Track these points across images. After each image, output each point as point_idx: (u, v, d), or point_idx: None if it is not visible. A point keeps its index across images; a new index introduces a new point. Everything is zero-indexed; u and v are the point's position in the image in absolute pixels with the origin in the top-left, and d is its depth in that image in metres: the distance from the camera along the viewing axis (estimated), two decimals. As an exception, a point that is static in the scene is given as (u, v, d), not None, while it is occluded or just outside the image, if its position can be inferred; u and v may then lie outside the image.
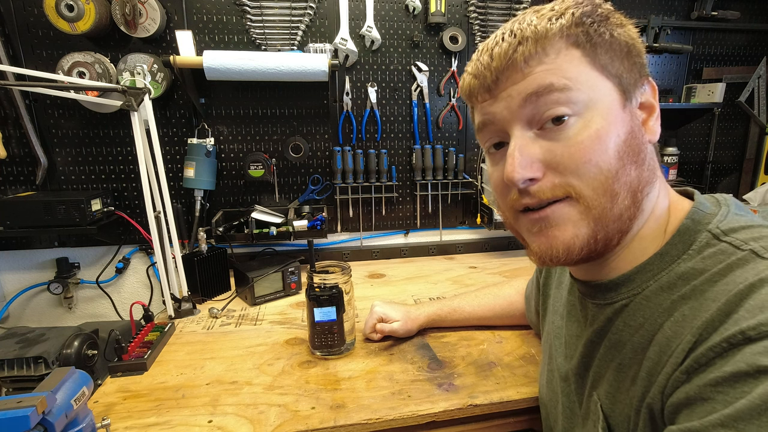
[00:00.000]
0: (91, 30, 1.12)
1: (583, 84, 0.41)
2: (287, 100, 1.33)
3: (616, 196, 0.41)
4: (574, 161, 0.40)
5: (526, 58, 0.41)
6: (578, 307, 0.54)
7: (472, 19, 1.37)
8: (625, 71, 0.42)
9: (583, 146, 0.40)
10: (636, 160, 0.42)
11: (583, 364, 0.51)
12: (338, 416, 0.67)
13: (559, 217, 0.42)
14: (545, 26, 0.41)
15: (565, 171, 0.41)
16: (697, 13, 1.50)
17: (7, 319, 1.33)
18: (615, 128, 0.41)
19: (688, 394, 0.35)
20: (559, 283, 0.64)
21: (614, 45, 0.42)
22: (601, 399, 0.47)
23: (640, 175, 0.42)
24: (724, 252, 0.39)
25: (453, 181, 1.46)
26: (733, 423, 0.31)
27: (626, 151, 0.41)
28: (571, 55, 0.41)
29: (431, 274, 1.34)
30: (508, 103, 0.43)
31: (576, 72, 0.41)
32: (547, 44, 0.41)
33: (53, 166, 1.25)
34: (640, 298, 0.44)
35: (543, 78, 0.41)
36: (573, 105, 0.40)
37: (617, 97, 0.42)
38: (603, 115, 0.41)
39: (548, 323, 0.65)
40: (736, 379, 0.32)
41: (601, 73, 0.41)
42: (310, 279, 0.83)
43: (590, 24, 0.41)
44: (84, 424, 0.55)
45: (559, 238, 0.43)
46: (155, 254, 1.00)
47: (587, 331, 0.50)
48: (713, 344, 0.34)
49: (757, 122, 1.63)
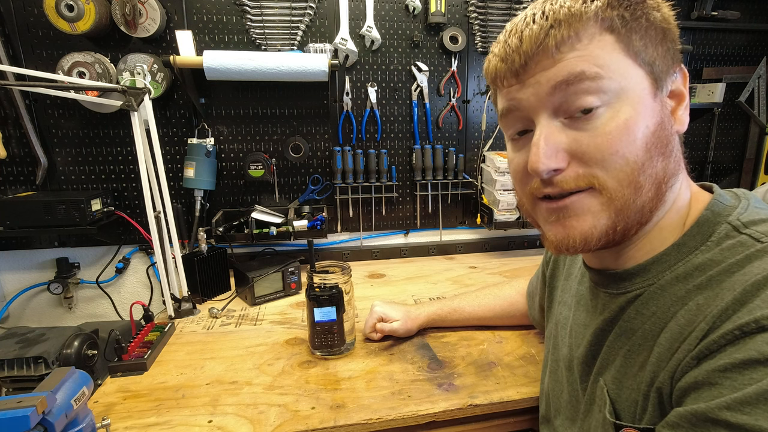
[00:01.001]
0: (91, 30, 1.12)
1: (614, 72, 0.39)
2: (287, 100, 1.33)
3: (640, 189, 0.40)
4: (600, 152, 0.39)
5: (558, 43, 0.39)
6: (588, 297, 0.53)
7: (472, 19, 1.37)
8: (659, 57, 0.41)
9: (610, 137, 0.39)
10: (663, 151, 0.41)
11: (590, 352, 0.51)
12: (338, 416, 0.67)
13: (579, 207, 0.42)
14: (580, 8, 0.39)
15: (590, 161, 0.40)
16: (697, 13, 1.50)
17: (7, 319, 1.33)
18: (644, 119, 0.39)
19: (697, 379, 0.35)
20: (568, 274, 0.64)
21: (650, 30, 0.40)
22: (608, 384, 0.47)
23: (667, 166, 0.41)
24: (743, 244, 0.39)
25: (453, 181, 1.46)
26: (739, 407, 0.31)
27: (654, 142, 0.40)
28: (604, 40, 0.39)
29: (431, 274, 1.34)
30: (536, 89, 0.41)
31: (609, 59, 0.39)
32: (581, 28, 0.39)
33: (53, 166, 1.25)
34: (654, 288, 0.43)
35: (574, 65, 0.39)
36: (603, 94, 0.39)
37: (648, 85, 0.40)
38: (633, 105, 0.39)
39: (554, 314, 0.65)
40: (746, 366, 0.32)
41: (634, 61, 0.40)
42: (310, 279, 0.83)
43: (626, 7, 0.39)
44: (84, 424, 0.55)
45: (577, 228, 0.42)
46: (155, 254, 1.00)
47: (597, 319, 0.50)
48: (725, 331, 0.34)
49: (757, 122, 1.63)
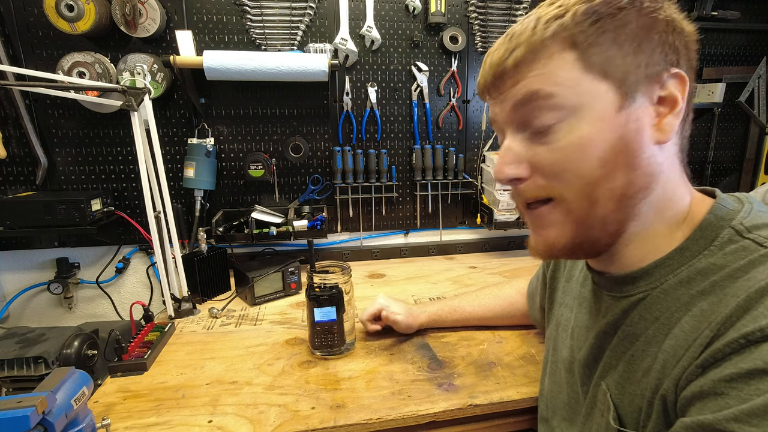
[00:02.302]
0: (91, 30, 1.12)
1: (571, 89, 0.40)
2: (287, 100, 1.33)
3: (596, 202, 0.41)
4: (555, 166, 0.42)
5: (518, 64, 0.42)
6: (591, 299, 0.54)
7: (472, 19, 1.37)
8: (635, 66, 0.40)
9: (564, 152, 0.41)
10: (626, 166, 0.40)
11: (592, 355, 0.51)
12: (338, 416, 0.67)
13: (546, 218, 0.45)
14: (540, 29, 0.41)
15: (548, 175, 0.43)
16: (697, 13, 1.50)
17: (7, 319, 1.33)
18: (602, 135, 0.40)
19: (702, 388, 0.35)
20: (569, 276, 0.64)
21: (621, 39, 0.39)
22: (611, 389, 0.46)
23: (631, 181, 0.41)
24: (747, 249, 0.38)
25: (453, 181, 1.46)
26: (746, 418, 0.31)
27: (612, 158, 0.40)
28: (564, 58, 0.40)
29: (431, 274, 1.34)
30: (503, 107, 0.45)
31: (566, 77, 0.40)
32: (540, 49, 0.41)
33: (53, 166, 1.25)
34: (657, 291, 0.43)
35: (531, 84, 0.41)
36: (558, 112, 0.41)
37: (612, 100, 0.40)
38: (590, 122, 0.40)
39: (555, 316, 0.65)
40: (752, 376, 0.32)
41: (596, 76, 0.40)
42: (310, 279, 0.83)
43: (593, 22, 0.39)
44: (84, 424, 0.55)
45: (543, 236, 0.46)
46: (155, 254, 1.00)
47: (600, 322, 0.50)
48: (730, 340, 0.34)
49: (757, 122, 1.63)
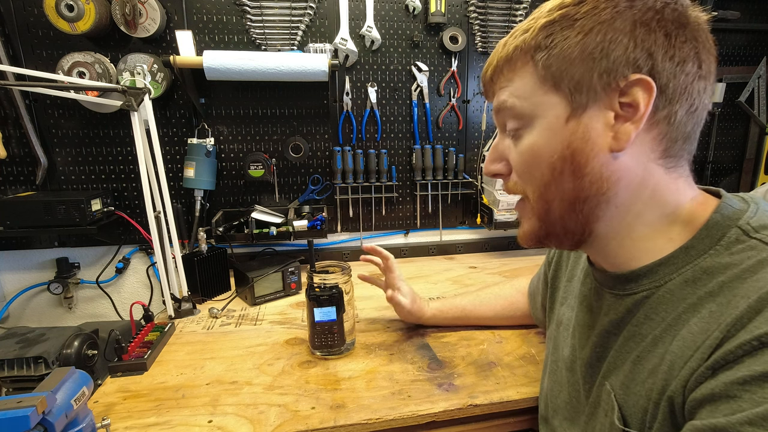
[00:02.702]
0: (91, 30, 1.12)
1: (527, 101, 0.44)
2: (287, 100, 1.33)
3: (550, 204, 0.46)
4: (519, 167, 0.47)
5: (493, 78, 0.48)
6: (592, 298, 0.54)
7: (472, 19, 1.37)
8: (588, 77, 0.40)
9: (523, 156, 0.46)
10: (573, 173, 0.43)
11: (595, 354, 0.51)
12: (338, 416, 0.67)
13: (520, 211, 0.51)
14: (510, 45, 0.45)
15: (517, 173, 0.48)
16: (697, 13, 1.50)
17: (7, 319, 1.33)
18: (550, 144, 0.43)
19: (713, 391, 0.34)
20: (571, 276, 0.64)
21: (573, 52, 0.40)
22: (615, 389, 0.46)
23: (580, 187, 0.43)
24: (755, 248, 0.38)
25: (453, 181, 1.46)
26: (761, 422, 0.30)
27: (560, 165, 0.43)
28: (525, 71, 0.44)
29: (431, 274, 1.34)
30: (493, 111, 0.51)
31: (526, 89, 0.44)
32: (506, 63, 0.46)
33: (53, 166, 1.25)
34: (662, 290, 0.43)
35: (500, 95, 0.47)
36: (520, 120, 0.46)
37: (562, 111, 0.42)
38: (540, 131, 0.44)
39: (556, 315, 0.65)
40: (766, 379, 0.32)
41: (550, 88, 0.43)
42: (310, 279, 0.83)
43: (547, 36, 0.42)
44: (84, 424, 0.55)
45: (521, 226, 0.52)
46: (155, 254, 1.00)
47: (602, 321, 0.50)
48: (743, 342, 0.34)
49: (757, 122, 1.63)
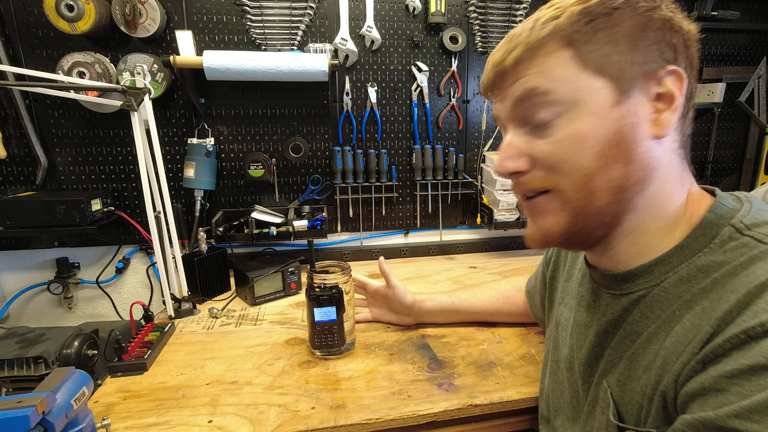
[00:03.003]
0: (91, 30, 1.12)
1: (567, 85, 0.42)
2: (287, 100, 1.33)
3: (593, 194, 0.43)
4: (554, 159, 0.43)
5: (516, 63, 0.44)
6: (590, 298, 0.54)
7: (472, 19, 1.37)
8: (630, 64, 0.41)
9: (562, 145, 0.43)
10: (623, 159, 0.42)
11: (593, 354, 0.51)
12: (338, 416, 0.67)
13: (542, 206, 0.47)
14: (538, 30, 0.43)
15: (547, 167, 0.44)
16: (697, 13, 1.50)
17: (7, 319, 1.33)
18: (598, 129, 0.41)
19: (703, 384, 0.35)
20: (569, 276, 0.64)
21: (616, 38, 0.40)
22: (611, 386, 0.47)
23: (627, 174, 0.42)
24: (747, 245, 0.39)
25: (453, 181, 1.46)
26: (748, 414, 0.31)
27: (608, 151, 0.41)
28: (560, 56, 0.42)
29: (431, 274, 1.34)
30: (504, 104, 0.47)
31: (563, 74, 0.42)
32: (537, 48, 0.43)
33: (53, 166, 1.25)
34: (658, 289, 0.44)
35: (529, 81, 0.43)
36: (556, 107, 0.42)
37: (608, 95, 0.41)
38: (586, 116, 0.42)
39: (554, 315, 0.66)
40: (753, 372, 0.32)
41: (592, 73, 0.41)
42: (310, 279, 0.83)
43: (587, 21, 0.41)
44: (84, 424, 0.55)
45: (540, 224, 0.47)
46: (155, 254, 1.00)
47: (600, 320, 0.50)
48: (731, 335, 0.34)
49: (757, 122, 1.63)
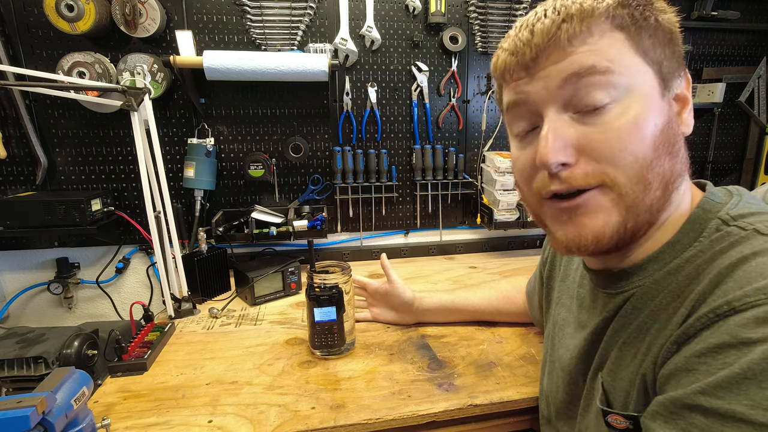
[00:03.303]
0: (91, 30, 1.12)
1: (624, 68, 0.39)
2: (287, 100, 1.33)
3: (649, 186, 0.40)
4: (609, 148, 0.39)
5: (570, 37, 0.40)
6: (589, 299, 0.54)
7: (472, 19, 1.37)
8: (666, 59, 0.41)
9: (620, 133, 0.39)
10: (671, 150, 0.41)
11: (591, 350, 0.51)
12: (338, 416, 0.67)
13: (591, 205, 0.41)
14: (591, 4, 0.40)
15: (599, 158, 0.40)
16: (697, 13, 1.50)
17: (7, 319, 1.33)
18: (653, 116, 0.40)
19: (677, 365, 0.36)
20: (565, 276, 0.64)
21: (658, 31, 0.41)
22: (604, 377, 0.47)
23: (674, 166, 0.42)
24: (730, 234, 0.39)
25: (453, 181, 1.46)
26: (713, 391, 0.31)
27: (662, 141, 0.40)
28: (614, 37, 0.40)
29: (431, 274, 1.34)
30: (546, 83, 0.41)
31: (619, 55, 0.39)
32: (593, 23, 0.39)
33: (53, 166, 1.25)
34: (648, 283, 0.44)
35: (585, 58, 0.39)
36: (613, 89, 0.39)
37: (656, 84, 0.41)
38: (642, 102, 0.40)
39: (552, 315, 0.66)
40: (719, 350, 0.32)
41: (643, 59, 0.40)
42: (310, 279, 0.83)
43: (635, 6, 0.40)
44: (84, 424, 0.55)
45: (589, 226, 0.42)
46: (155, 254, 1.00)
47: (595, 320, 0.50)
48: (700, 315, 0.35)
49: (757, 122, 1.63)
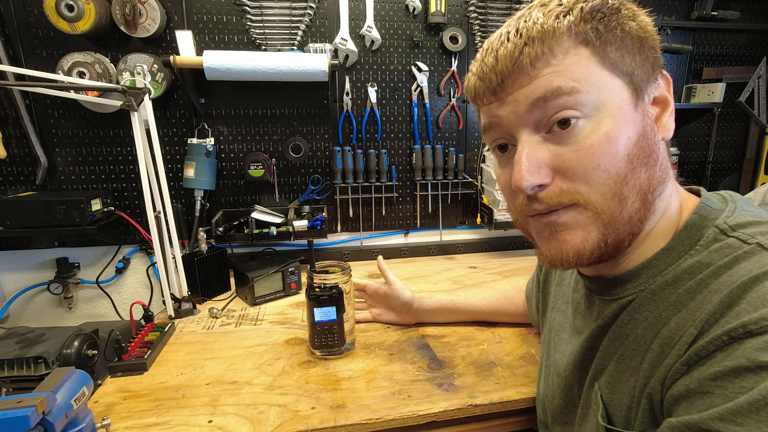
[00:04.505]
0: (91, 30, 1.12)
1: (592, 85, 0.39)
2: (287, 100, 1.33)
3: (625, 200, 0.40)
4: (582, 166, 0.40)
5: (533, 60, 0.40)
6: (584, 305, 0.54)
7: (472, 19, 1.37)
8: (638, 67, 0.41)
9: (592, 150, 0.39)
10: (647, 161, 0.41)
11: (587, 358, 0.51)
12: (338, 416, 0.67)
13: (567, 221, 0.42)
14: (552, 24, 0.39)
15: (573, 176, 0.40)
16: (697, 13, 1.50)
17: (7, 319, 1.33)
18: (625, 130, 0.39)
19: (688, 387, 0.35)
20: (560, 280, 0.64)
21: (626, 40, 0.40)
22: (602, 389, 0.47)
23: (652, 176, 0.41)
24: (731, 246, 0.39)
25: (453, 181, 1.46)
26: (731, 417, 0.31)
27: (637, 153, 0.40)
28: (579, 54, 0.39)
29: (431, 274, 1.34)
30: (514, 107, 0.42)
31: (585, 72, 0.39)
32: (555, 44, 0.39)
33: (53, 166, 1.25)
34: (646, 293, 0.43)
35: (550, 81, 0.39)
36: (582, 107, 0.39)
37: (628, 96, 0.40)
38: (613, 117, 0.39)
39: (548, 320, 0.65)
40: (736, 374, 0.32)
41: (611, 72, 0.40)
42: (310, 279, 0.83)
43: (600, 19, 0.40)
44: (84, 424, 0.55)
45: (569, 242, 0.42)
46: (155, 254, 1.00)
47: (591, 326, 0.50)
48: (714, 337, 0.34)
49: (757, 122, 1.63)
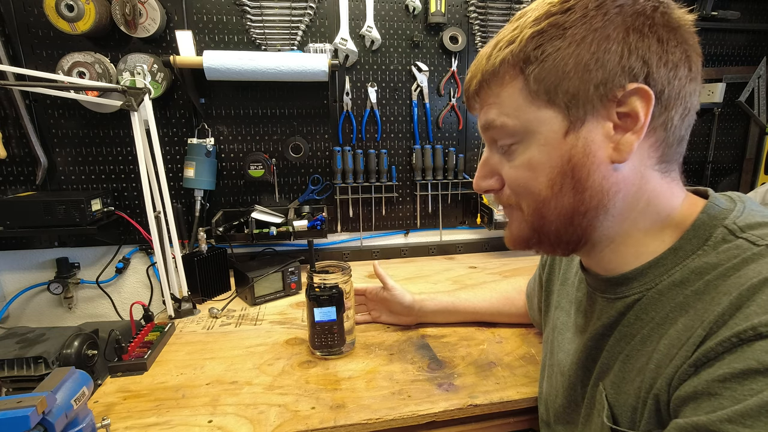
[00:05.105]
0: (91, 30, 1.12)
1: (520, 117, 0.43)
2: (287, 100, 1.33)
3: (544, 219, 0.45)
4: (515, 182, 0.46)
5: (477, 91, 0.46)
6: (586, 303, 0.54)
7: (472, 19, 1.37)
8: (584, 89, 0.40)
9: (519, 171, 0.45)
10: (574, 187, 0.42)
11: (590, 357, 0.51)
12: (338, 416, 0.67)
13: (511, 215, 0.50)
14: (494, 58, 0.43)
15: (511, 188, 0.47)
16: (697, 13, 1.49)
17: (7, 319, 1.33)
18: (549, 159, 0.42)
19: (696, 388, 0.35)
20: (564, 279, 0.64)
21: (568, 63, 0.39)
22: (607, 389, 0.47)
23: (579, 201, 0.43)
24: (740, 247, 0.39)
25: (453, 181, 1.46)
26: (740, 419, 0.31)
27: (560, 180, 0.42)
28: (513, 86, 0.43)
29: (431, 274, 1.34)
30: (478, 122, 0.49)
31: (515, 105, 0.43)
32: (492, 78, 0.44)
33: (53, 166, 1.25)
34: (653, 292, 0.43)
35: (488, 113, 0.45)
36: (513, 137, 0.44)
37: (558, 126, 0.41)
38: (539, 146, 0.43)
39: (551, 319, 0.65)
40: (745, 377, 0.32)
41: (543, 103, 0.41)
42: (310, 279, 0.83)
43: (537, 47, 0.40)
44: (84, 424, 0.55)
45: (510, 230, 0.51)
46: (155, 254, 1.00)
47: (595, 325, 0.50)
48: (723, 339, 0.34)
49: (757, 122, 1.63)
